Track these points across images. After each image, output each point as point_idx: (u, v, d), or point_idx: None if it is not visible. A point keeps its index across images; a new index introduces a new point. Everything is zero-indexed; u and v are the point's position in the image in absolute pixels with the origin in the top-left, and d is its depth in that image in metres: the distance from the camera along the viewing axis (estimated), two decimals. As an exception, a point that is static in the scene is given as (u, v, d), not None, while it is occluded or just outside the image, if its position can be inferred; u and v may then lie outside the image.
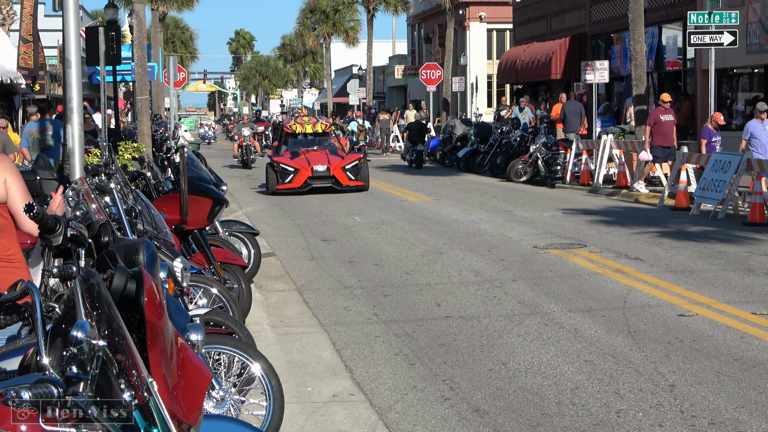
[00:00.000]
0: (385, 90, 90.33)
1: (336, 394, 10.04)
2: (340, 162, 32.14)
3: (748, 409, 9.07)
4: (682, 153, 26.08)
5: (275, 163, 32.32)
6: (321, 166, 31.78)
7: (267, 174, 32.40)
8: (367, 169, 32.75)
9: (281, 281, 16.42)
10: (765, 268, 16.16)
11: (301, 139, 34.41)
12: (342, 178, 31.89)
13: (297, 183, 31.70)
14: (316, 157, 32.23)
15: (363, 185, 32.19)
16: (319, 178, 31.72)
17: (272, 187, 31.88)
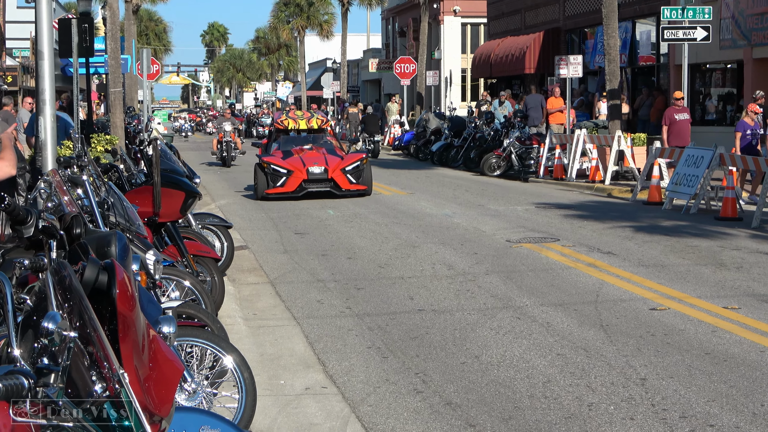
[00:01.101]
0: (360, 83, 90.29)
1: (308, 387, 10.04)
2: (340, 163, 27.98)
3: (719, 403, 9.12)
4: (655, 147, 26.16)
5: (265, 164, 27.92)
6: (318, 167, 27.65)
7: (256, 176, 28.13)
8: (370, 171, 28.57)
9: (254, 274, 16.40)
10: (737, 262, 16.24)
11: (293, 136, 30.35)
12: (342, 181, 27.72)
13: (290, 187, 27.49)
14: (311, 156, 28.19)
15: (365, 189, 27.99)
16: (316, 181, 27.64)
17: (262, 191, 27.73)
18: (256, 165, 28.45)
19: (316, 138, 30.16)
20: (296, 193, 27.52)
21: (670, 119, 27.53)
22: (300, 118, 30.86)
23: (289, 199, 27.31)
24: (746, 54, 33.91)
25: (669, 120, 27.58)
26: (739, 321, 12.23)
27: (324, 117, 31.79)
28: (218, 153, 43.41)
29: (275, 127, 31.25)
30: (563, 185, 30.78)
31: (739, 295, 13.75)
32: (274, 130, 31.19)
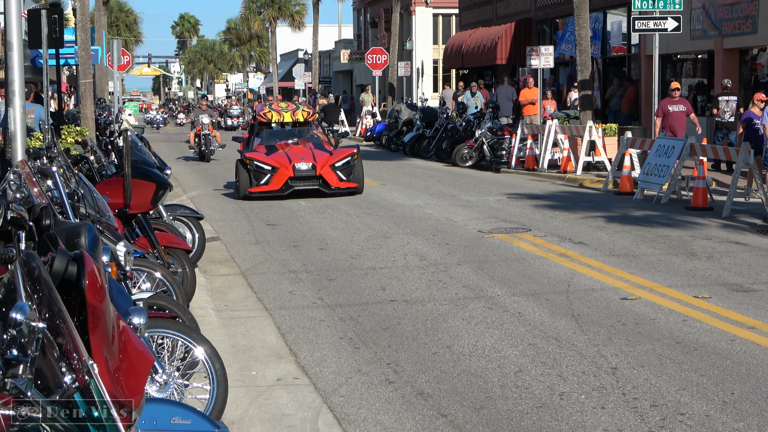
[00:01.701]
0: (331, 74, 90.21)
1: (280, 377, 10.03)
2: (328, 158, 25.78)
3: (689, 392, 9.16)
4: (626, 138, 26.23)
5: (247, 160, 25.70)
6: (305, 163, 25.46)
7: (237, 174, 25.92)
8: (362, 168, 26.30)
9: (226, 265, 16.37)
10: (707, 252, 16.31)
11: (277, 129, 28.04)
12: (331, 178, 25.55)
13: (275, 185, 25.34)
14: (297, 152, 25.89)
15: (357, 187, 25.92)
16: (303, 178, 25.46)
17: (244, 190, 25.56)
18: (238, 161, 26.17)
19: (302, 132, 27.90)
20: (282, 192, 25.32)
21: (664, 111, 26.66)
22: (284, 110, 28.34)
23: (273, 198, 25.31)
24: (717, 44, 34.04)
25: (662, 111, 26.68)
26: (709, 310, 12.29)
27: (310, 109, 29.40)
28: (196, 147, 40.81)
29: (257, 120, 28.54)
30: (535, 176, 30.83)
31: (709, 285, 13.81)
32: (257, 124, 28.51)
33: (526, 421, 8.48)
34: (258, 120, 28.46)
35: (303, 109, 28.67)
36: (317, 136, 27.87)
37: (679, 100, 26.86)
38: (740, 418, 8.43)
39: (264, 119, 28.19)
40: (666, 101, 26.94)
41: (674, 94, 27.01)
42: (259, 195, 25.34)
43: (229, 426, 8.08)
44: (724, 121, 30.10)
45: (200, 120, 40.23)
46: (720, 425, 8.25)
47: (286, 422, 8.68)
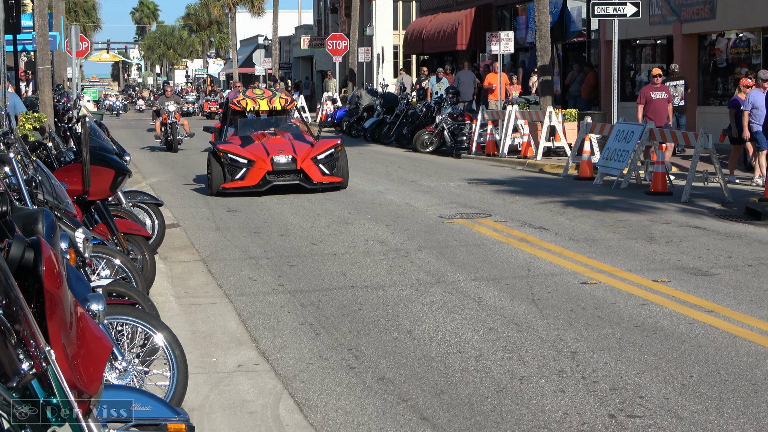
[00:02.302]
0: (292, 60, 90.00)
1: (241, 364, 10.02)
2: (310, 150, 23.59)
3: (648, 375, 9.21)
4: (586, 123, 26.31)
5: (221, 153, 23.35)
6: (284, 156, 23.25)
7: (210, 168, 23.70)
8: (346, 160, 24.21)
9: (186, 252, 16.32)
10: (666, 236, 16.39)
11: (252, 118, 25.87)
12: (313, 172, 23.37)
13: (252, 180, 23.13)
14: (276, 143, 23.72)
15: (341, 182, 23.85)
16: (282, 172, 23.24)
17: (217, 185, 23.29)
18: (210, 154, 23.88)
19: (280, 121, 25.75)
20: (259, 188, 23.14)
21: (646, 98, 25.88)
22: (260, 97, 25.89)
23: (249, 194, 23.26)
24: (676, 29, 34.20)
25: (645, 98, 25.89)
26: (668, 294, 12.36)
27: (288, 96, 26.60)
28: (163, 136, 38.36)
29: (230, 108, 25.92)
30: (495, 161, 30.89)
31: (668, 269, 13.89)
32: (230, 112, 25.98)
33: (487, 405, 8.51)
34: (231, 108, 25.91)
35: (280, 96, 26.11)
36: (296, 125, 25.93)
37: (661, 87, 26.17)
38: (699, 400, 8.49)
39: (238, 107, 25.70)
40: (648, 88, 26.27)
41: (656, 80, 26.26)
42: (234, 191, 23.11)
43: (190, 413, 8.07)
44: (674, 105, 30.30)
45: (166, 107, 37.97)
46: (679, 408, 8.30)
47: (246, 408, 8.67)
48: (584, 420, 8.09)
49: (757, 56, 31.46)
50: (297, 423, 8.30)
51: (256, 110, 25.77)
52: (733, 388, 8.79)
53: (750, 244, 15.67)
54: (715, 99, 33.19)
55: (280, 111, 26.08)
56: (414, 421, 8.22)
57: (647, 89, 26.18)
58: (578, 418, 8.15)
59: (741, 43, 32.74)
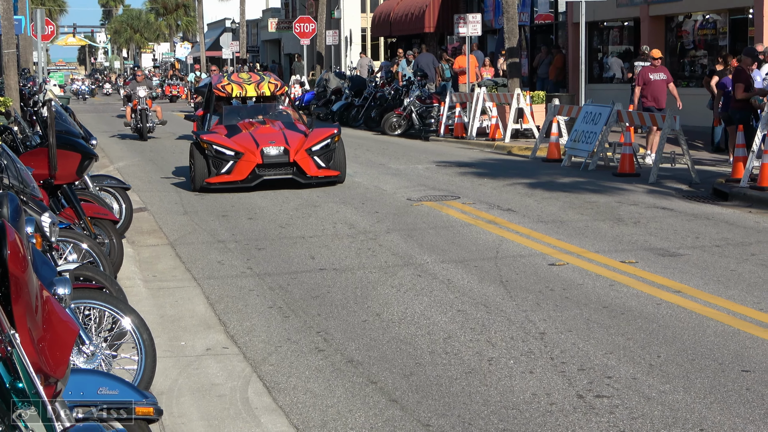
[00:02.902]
0: (259, 44, 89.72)
1: (209, 347, 10.00)
2: (303, 141, 21.29)
3: (616, 355, 9.25)
4: (554, 105, 26.35)
5: (205, 144, 21.02)
6: (275, 147, 20.96)
7: (192, 160, 21.40)
8: (343, 152, 21.88)
9: (154, 236, 16.27)
10: (634, 217, 16.45)
11: (238, 105, 23.54)
12: (307, 165, 21.08)
13: (240, 174, 20.88)
14: (266, 133, 21.44)
15: (338, 175, 21.53)
16: (274, 165, 20.98)
17: (201, 180, 21.06)
18: (193, 145, 21.49)
19: (269, 108, 23.52)
20: (248, 183, 20.88)
21: (645, 79, 24.93)
22: (247, 82, 23.44)
23: (237, 190, 21.03)
24: (643, 11, 34.30)
25: (643, 80, 24.96)
26: (636, 275, 12.41)
27: (278, 81, 23.96)
28: (132, 124, 35.90)
29: (214, 94, 23.47)
30: (463, 143, 30.91)
31: (636, 250, 13.94)
32: (213, 99, 23.55)
33: (455, 387, 8.52)
34: (215, 94, 23.44)
35: (269, 81, 23.57)
36: (287, 113, 23.57)
37: (660, 68, 25.20)
38: (666, 380, 8.53)
39: (222, 93, 23.27)
40: (647, 69, 25.31)
41: (655, 62, 25.17)
42: (220, 186, 20.90)
43: (158, 396, 8.05)
44: None
45: (136, 93, 35.42)
46: (646, 388, 8.34)
47: (215, 392, 8.66)
48: (552, 400, 8.12)
49: (724, 38, 31.58)
50: (266, 406, 8.29)
51: (243, 96, 23.42)
52: (700, 367, 8.84)
53: (717, 224, 15.75)
54: (683, 81, 33.29)
55: (269, 97, 23.82)
56: (383, 402, 8.23)
57: (646, 70, 25.21)
58: (546, 398, 8.18)
59: (708, 25, 32.86)
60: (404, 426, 7.72)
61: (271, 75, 24.20)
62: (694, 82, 32.37)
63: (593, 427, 7.55)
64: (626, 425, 7.55)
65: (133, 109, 35.91)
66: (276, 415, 8.06)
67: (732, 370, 8.73)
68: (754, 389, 8.25)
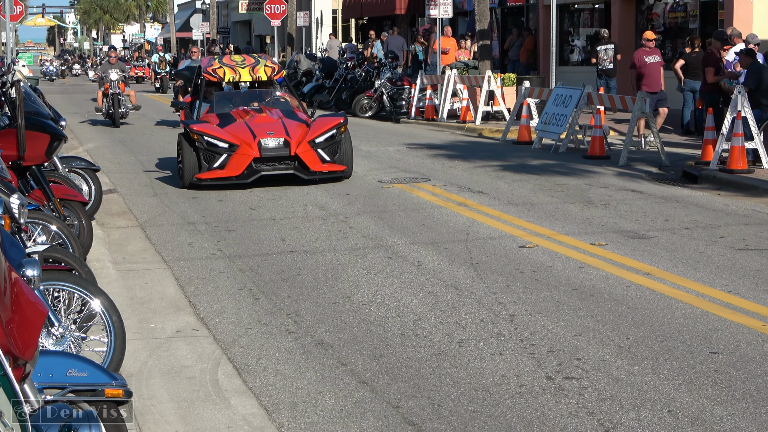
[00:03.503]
0: (230, 25, 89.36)
1: (179, 329, 9.99)
2: (305, 132, 19.04)
3: (585, 337, 9.28)
4: (525, 88, 26.36)
5: (195, 135, 18.77)
6: (274, 139, 18.67)
7: (181, 153, 19.20)
8: (350, 143, 19.70)
9: (123, 218, 16.22)
10: (604, 199, 16.50)
11: (229, 91, 21.16)
12: (310, 159, 18.79)
13: (235, 169, 18.58)
14: (263, 123, 19.13)
15: (344, 170, 19.28)
16: (273, 159, 18.68)
17: (190, 175, 18.80)
18: (181, 136, 19.37)
19: (265, 94, 21.03)
20: (243, 179, 18.62)
21: (640, 62, 24.18)
22: (240, 65, 21.29)
23: (231, 186, 18.81)
24: (613, -6, 34.32)
25: (639, 63, 24.20)
26: (605, 257, 12.45)
27: (275, 64, 21.71)
28: (104, 109, 33.53)
29: (204, 78, 21.27)
30: (434, 126, 30.90)
31: (605, 232, 13.99)
32: (203, 84, 21.32)
33: (425, 369, 8.54)
34: (204, 78, 21.22)
35: (265, 64, 21.37)
36: (285, 100, 21.01)
37: (654, 51, 24.59)
38: (635, 362, 8.57)
39: (213, 77, 21.03)
40: (641, 52, 24.55)
41: (649, 44, 24.55)
42: (213, 183, 18.68)
43: (128, 378, 8.05)
44: (604, 68, 30.84)
45: (108, 76, 33.01)
46: (615, 369, 8.38)
47: (185, 374, 8.65)
48: (522, 382, 8.15)
49: (694, 21, 31.67)
50: (236, 388, 8.29)
51: (236, 81, 21.04)
52: (668, 349, 8.88)
53: (686, 207, 15.81)
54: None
55: (265, 82, 21.45)
56: (353, 384, 8.24)
57: (640, 53, 24.46)
58: (516, 380, 8.21)
59: (678, 8, 32.93)
60: (374, 408, 7.73)
61: (267, 57, 22.12)
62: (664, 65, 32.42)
63: (562, 408, 7.58)
64: (595, 406, 7.59)
65: (104, 93, 33.56)
66: (246, 397, 8.06)
67: (700, 352, 8.78)
68: (722, 371, 8.30)
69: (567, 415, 7.45)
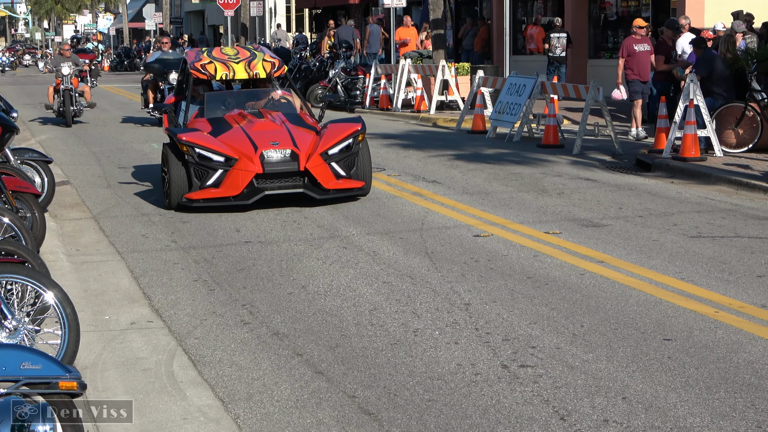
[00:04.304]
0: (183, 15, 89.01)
1: (134, 321, 9.94)
2: (316, 141, 15.79)
3: (540, 325, 9.33)
4: (479, 77, 26.40)
5: (185, 147, 15.50)
6: (279, 150, 15.43)
7: (166, 167, 15.75)
8: (368, 154, 16.41)
9: (77, 209, 16.12)
10: (558, 188, 16.57)
11: (222, 91, 18.05)
12: (323, 174, 15.51)
13: (232, 187, 15.33)
14: (265, 131, 15.91)
15: (363, 187, 15.99)
16: (278, 176, 15.39)
17: (178, 194, 15.55)
18: (167, 147, 15.96)
19: (263, 94, 17.72)
20: (243, 200, 15.34)
21: (629, 50, 23.16)
22: (233, 59, 17.81)
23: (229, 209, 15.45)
24: (566, -17, 34.40)
25: (627, 51, 23.17)
26: (559, 245, 12.51)
27: (275, 58, 18.08)
28: (55, 106, 30.21)
29: (192, 75, 17.57)
30: (389, 115, 30.90)
31: (560, 220, 14.05)
32: (190, 82, 17.61)
33: (381, 358, 8.56)
34: (192, 76, 17.58)
35: (264, 59, 17.84)
36: (288, 101, 17.62)
37: (643, 39, 23.45)
38: (589, 349, 8.62)
39: (202, 74, 17.55)
40: (630, 40, 23.48)
41: (639, 32, 23.47)
42: (206, 204, 15.45)
43: (82, 371, 8.00)
44: (555, 56, 31.19)
45: (60, 70, 29.71)
46: (570, 357, 8.43)
47: (140, 365, 8.62)
48: (477, 371, 8.18)
49: (647, 9, 31.81)
50: (191, 379, 8.27)
51: (230, 78, 17.70)
52: (622, 336, 8.94)
53: (640, 195, 15.91)
54: (606, 52, 33.52)
55: (265, 79, 18.08)
56: (309, 375, 8.24)
57: (630, 41, 23.45)
58: (471, 368, 8.23)
59: (631, -3, 33.07)
60: (330, 397, 7.74)
61: (264, 50, 18.65)
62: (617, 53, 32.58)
63: (517, 396, 7.62)
64: (550, 394, 7.63)
65: (56, 89, 30.16)
66: (201, 389, 8.04)
67: (654, 339, 8.84)
68: (675, 357, 8.36)
69: (522, 403, 7.49)
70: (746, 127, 19.60)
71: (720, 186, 16.69)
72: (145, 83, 30.35)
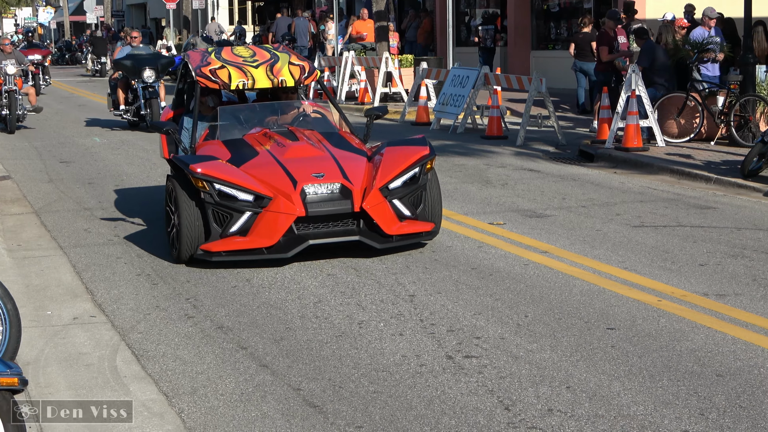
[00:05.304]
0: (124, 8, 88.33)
1: (77, 316, 9.86)
2: (370, 171, 12.01)
3: (484, 316, 9.35)
4: (422, 69, 26.42)
5: (201, 182, 11.40)
6: (324, 184, 11.54)
7: (176, 209, 11.69)
8: (438, 188, 12.57)
9: (18, 204, 15.95)
10: (502, 179, 16.62)
11: (234, 103, 14.06)
12: (383, 216, 11.57)
13: (267, 236, 11.31)
14: (302, 157, 12.00)
15: (432, 230, 12.03)
16: (326, 219, 11.45)
17: (191, 245, 11.52)
18: (174, 181, 11.93)
19: (288, 108, 13.70)
20: (281, 252, 11.36)
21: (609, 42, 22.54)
22: (250, 62, 13.53)
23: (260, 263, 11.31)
24: (508, -25, 34.48)
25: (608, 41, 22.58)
26: (504, 236, 12.55)
27: (304, 61, 13.82)
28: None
29: (198, 83, 13.23)
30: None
31: (504, 211, 14.09)
32: (196, 91, 13.33)
33: (326, 351, 8.54)
34: (199, 84, 13.24)
35: (290, 61, 13.56)
36: (323, 115, 14.12)
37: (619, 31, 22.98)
38: (534, 339, 8.65)
39: (212, 83, 13.20)
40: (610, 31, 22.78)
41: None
42: (230, 258, 11.45)
43: (24, 367, 7.92)
44: (486, 47, 31.67)
45: (3, 69, 26.29)
46: (514, 347, 8.45)
47: (83, 361, 8.54)
48: (422, 362, 8.18)
49: (589, 1, 31.95)
50: (135, 374, 8.21)
51: (247, 87, 13.37)
52: (566, 326, 8.98)
53: (583, 185, 15.99)
54: (549, 43, 33.65)
55: (290, 89, 13.99)
56: (253, 368, 8.21)
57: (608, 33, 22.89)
58: (416, 360, 8.24)
59: (573, -12, 33.20)
60: (275, 391, 7.71)
61: (290, 52, 14.10)
62: (559, 45, 32.74)
63: (462, 387, 7.63)
64: (495, 384, 7.65)
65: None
66: (145, 383, 7.99)
67: (597, 328, 8.89)
68: (618, 346, 8.41)
69: (467, 394, 7.50)
70: (688, 116, 19.76)
71: (662, 176, 16.81)
72: (113, 82, 27.28)
